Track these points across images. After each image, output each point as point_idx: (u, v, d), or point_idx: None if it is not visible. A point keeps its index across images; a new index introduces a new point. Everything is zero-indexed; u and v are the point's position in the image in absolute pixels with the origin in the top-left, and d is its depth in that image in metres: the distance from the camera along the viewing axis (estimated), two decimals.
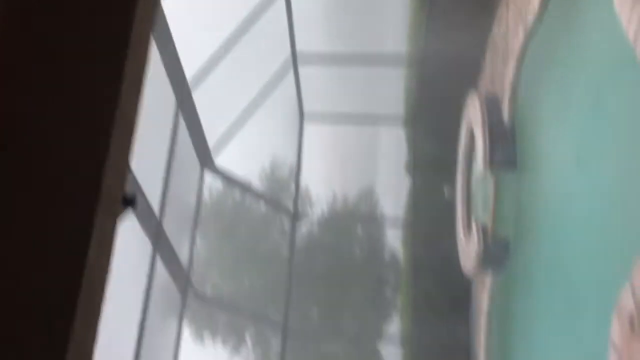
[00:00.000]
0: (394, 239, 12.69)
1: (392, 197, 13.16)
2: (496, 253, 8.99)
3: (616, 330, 5.19)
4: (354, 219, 12.99)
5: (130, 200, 1.77)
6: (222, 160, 10.01)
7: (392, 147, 13.52)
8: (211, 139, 9.38)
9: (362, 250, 12.86)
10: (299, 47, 11.65)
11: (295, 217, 12.15)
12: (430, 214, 12.08)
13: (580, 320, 6.41)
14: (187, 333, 10.08)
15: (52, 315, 1.36)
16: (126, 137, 1.62)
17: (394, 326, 12.35)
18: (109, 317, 2.03)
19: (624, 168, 5.66)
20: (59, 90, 1.56)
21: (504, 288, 9.22)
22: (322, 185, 13.00)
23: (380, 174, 13.91)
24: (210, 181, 10.52)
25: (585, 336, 6.25)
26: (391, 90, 13.02)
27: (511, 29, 8.75)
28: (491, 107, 9.34)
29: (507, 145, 8.94)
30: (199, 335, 11.34)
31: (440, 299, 11.31)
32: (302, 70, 12.06)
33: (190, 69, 8.00)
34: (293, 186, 12.48)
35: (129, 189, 1.73)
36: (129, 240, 6.42)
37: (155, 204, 7.00)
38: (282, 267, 11.83)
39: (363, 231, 13.01)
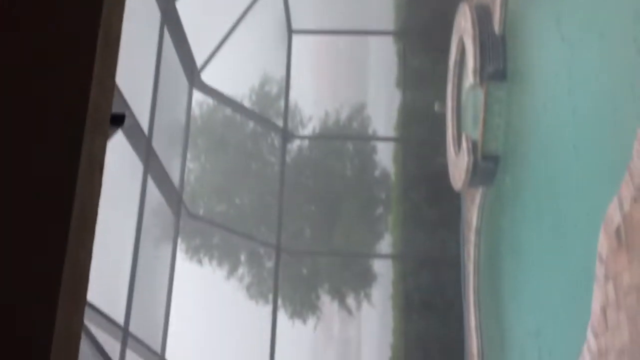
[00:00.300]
0: (384, 155, 12.71)
1: (383, 113, 13.11)
2: (486, 168, 9.04)
3: (603, 243, 5.28)
4: (345, 135, 12.96)
5: (118, 119, 1.74)
6: (209, 76, 9.85)
7: (382, 62, 13.36)
8: (198, 54, 9.21)
9: (353, 166, 12.90)
10: None
11: (286, 133, 12.10)
12: (421, 129, 12.07)
13: (568, 234, 6.51)
14: (182, 254, 10.18)
15: (44, 237, 1.35)
16: (110, 53, 1.57)
17: (385, 241, 12.54)
18: (103, 239, 2.03)
19: (614, 82, 5.62)
20: (38, 8, 1.50)
21: (493, 203, 9.32)
22: (311, 101, 12.89)
23: (370, 90, 13.79)
24: (199, 98, 10.39)
25: (572, 250, 6.36)
26: (381, 3, 12.74)
27: None
28: (482, 17, 9.17)
29: (497, 56, 8.84)
30: (194, 256, 11.46)
31: (431, 214, 11.45)
32: None
33: None
34: (282, 102, 12.36)
35: (117, 107, 1.69)
36: (119, 160, 6.39)
37: (144, 123, 6.92)
38: (274, 185, 11.88)
39: (354, 148, 13.01)
